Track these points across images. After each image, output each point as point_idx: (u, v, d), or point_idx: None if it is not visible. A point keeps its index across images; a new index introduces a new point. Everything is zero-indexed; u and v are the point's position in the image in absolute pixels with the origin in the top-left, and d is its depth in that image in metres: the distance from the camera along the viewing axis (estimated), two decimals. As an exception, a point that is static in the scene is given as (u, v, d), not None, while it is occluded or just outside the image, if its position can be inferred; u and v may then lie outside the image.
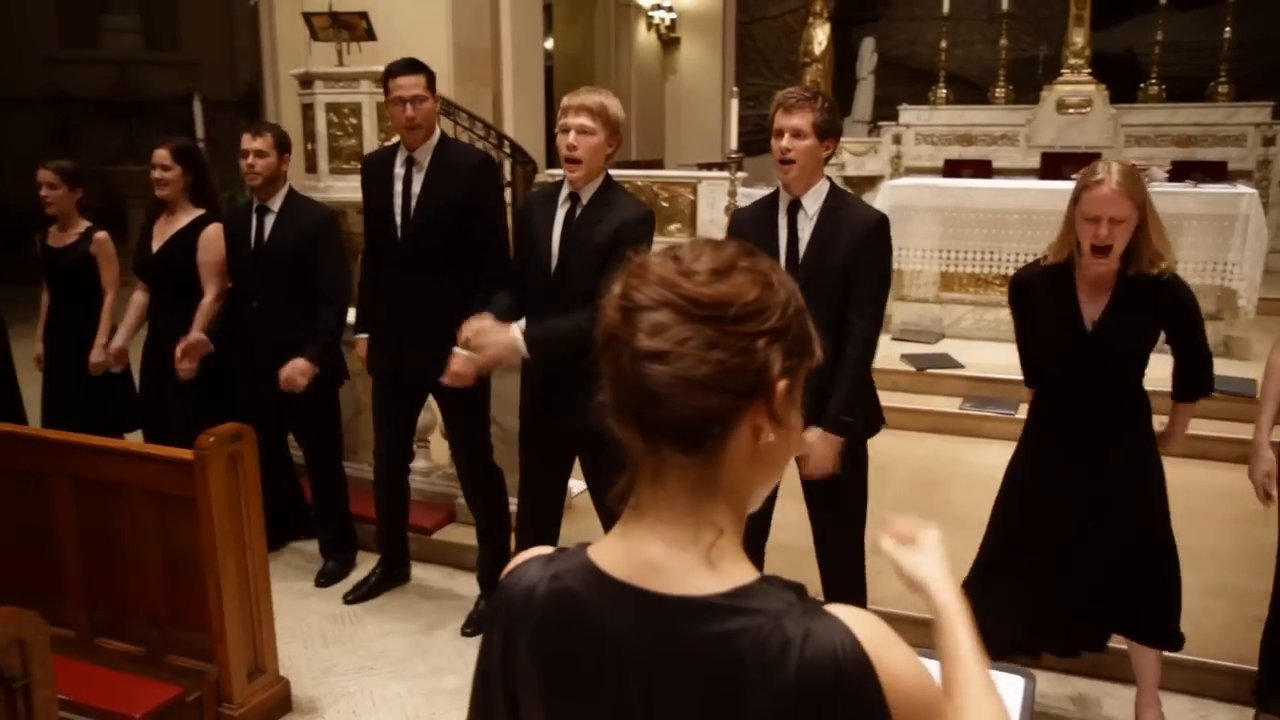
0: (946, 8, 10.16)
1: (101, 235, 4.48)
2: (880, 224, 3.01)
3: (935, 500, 4.71)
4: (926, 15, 12.17)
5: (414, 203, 3.64)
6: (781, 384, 0.94)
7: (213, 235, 4.17)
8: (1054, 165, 7.94)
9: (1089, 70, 9.26)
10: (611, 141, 3.13)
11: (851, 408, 2.96)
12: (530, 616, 1.01)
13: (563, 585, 1.00)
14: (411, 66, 3.62)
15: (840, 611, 0.94)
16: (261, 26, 8.90)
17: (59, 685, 2.49)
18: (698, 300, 0.92)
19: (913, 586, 1.22)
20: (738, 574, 0.96)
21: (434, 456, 4.73)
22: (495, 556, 3.85)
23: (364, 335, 3.90)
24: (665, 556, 0.96)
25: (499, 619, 1.05)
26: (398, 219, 3.67)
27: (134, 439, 4.13)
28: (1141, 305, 2.78)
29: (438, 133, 3.71)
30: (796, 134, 2.94)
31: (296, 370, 3.89)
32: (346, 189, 6.14)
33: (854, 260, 2.94)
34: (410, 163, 3.66)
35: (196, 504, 3.02)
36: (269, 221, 4.04)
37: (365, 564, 4.26)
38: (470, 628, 3.80)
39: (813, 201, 3.02)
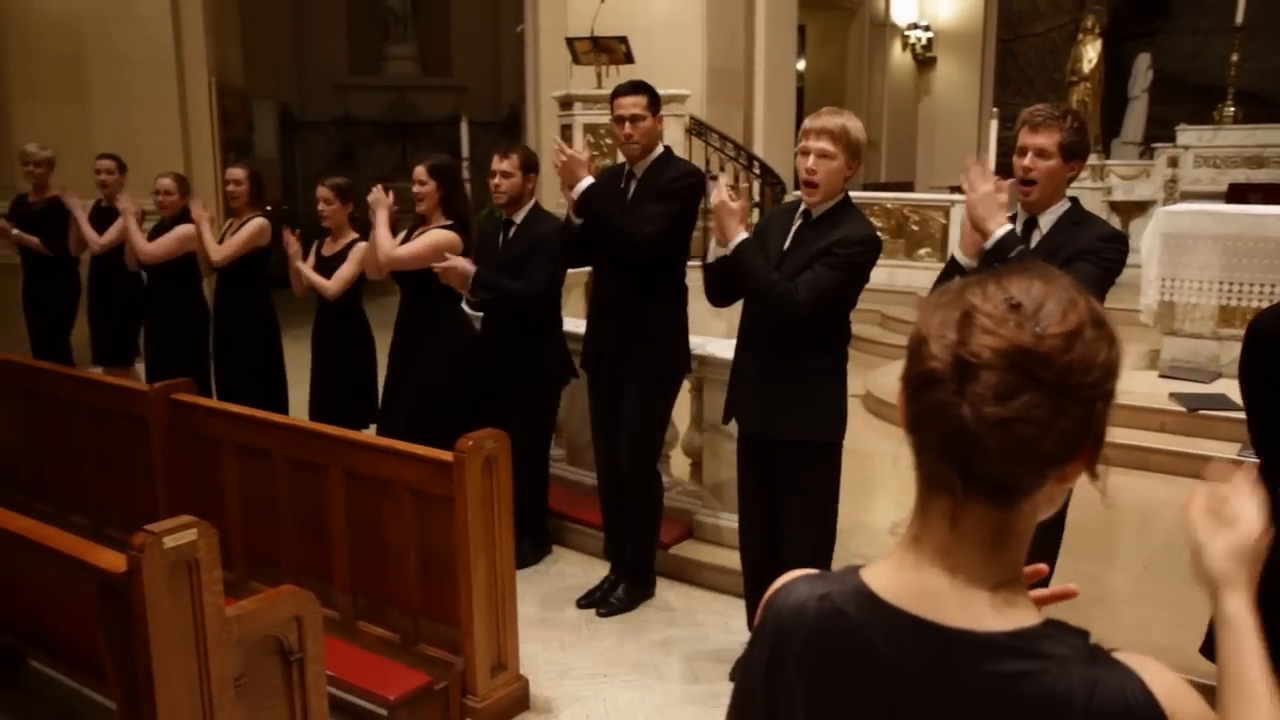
0: (1240, 17, 9.36)
1: (362, 244, 4.83)
2: (1113, 235, 2.87)
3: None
4: (1214, 27, 11.27)
5: (623, 212, 3.83)
6: (1104, 436, 0.92)
7: (434, 233, 4.43)
8: (1363, 191, 7.14)
9: None
10: (851, 165, 3.11)
11: None
12: (800, 634, 1.01)
13: (834, 606, 1.00)
14: (635, 88, 3.83)
15: (1132, 660, 0.91)
16: (526, 52, 9.38)
17: (325, 662, 2.69)
18: (1053, 367, 0.88)
19: (1202, 579, 1.09)
20: (1023, 616, 0.94)
21: (673, 472, 4.79)
22: (641, 550, 4.10)
23: None
24: (949, 589, 0.94)
25: (766, 635, 1.05)
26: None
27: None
28: None
29: (659, 149, 3.89)
30: (1040, 153, 2.81)
31: (457, 263, 4.15)
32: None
33: (1070, 259, 2.73)
34: (630, 176, 3.89)
35: (453, 503, 3.19)
36: (511, 234, 4.32)
37: (562, 559, 4.37)
38: (604, 609, 4.04)
39: (1050, 220, 2.89)
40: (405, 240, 4.54)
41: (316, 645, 2.61)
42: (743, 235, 3.14)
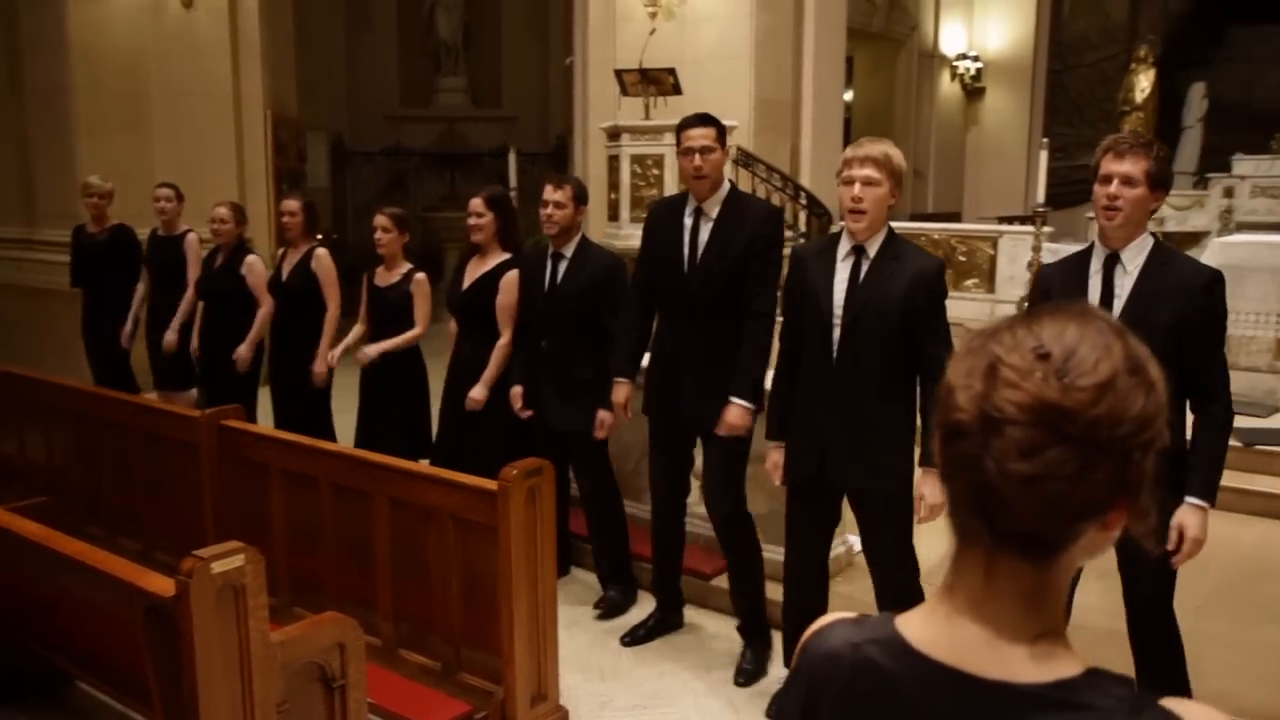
0: (1295, 48, 9.23)
1: (420, 276, 4.89)
2: (1216, 281, 2.76)
3: (1262, 593, 4.20)
4: (1270, 55, 11.11)
5: (700, 251, 3.70)
6: (1148, 484, 0.88)
7: (512, 280, 4.45)
8: None
9: None
10: (895, 192, 3.08)
11: (1217, 482, 2.78)
12: (834, 683, 0.99)
13: (868, 656, 0.97)
14: (704, 120, 3.71)
15: (1178, 707, 0.87)
16: (575, 83, 9.47)
17: (366, 689, 2.70)
18: (1081, 423, 0.83)
19: None
20: (1063, 667, 0.90)
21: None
22: (751, 604, 3.87)
23: (624, 380, 3.97)
24: (986, 640, 0.91)
25: (800, 680, 1.04)
26: (685, 267, 3.72)
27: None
28: None
29: (726, 185, 3.76)
30: (1127, 181, 2.73)
31: (602, 424, 4.09)
32: (645, 237, 6.37)
33: (1185, 322, 2.71)
34: (699, 213, 3.71)
35: (497, 532, 3.20)
36: (562, 267, 4.26)
37: (647, 601, 4.34)
38: (742, 678, 3.78)
39: (1133, 257, 2.81)
40: (467, 287, 4.54)
41: (359, 672, 2.62)
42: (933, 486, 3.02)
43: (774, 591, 3.84)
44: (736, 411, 3.60)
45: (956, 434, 0.88)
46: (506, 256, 4.54)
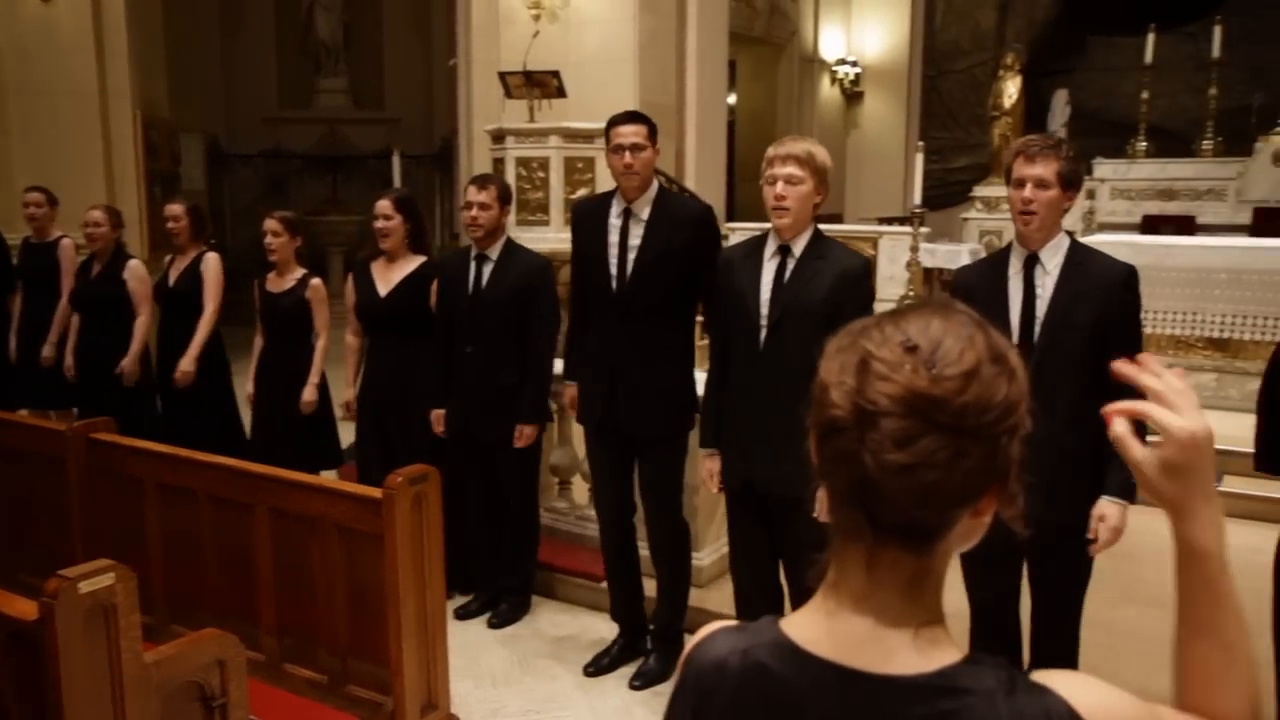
0: (1149, 57, 9.73)
1: (316, 281, 4.76)
2: (1131, 276, 2.82)
3: (1127, 575, 4.41)
4: (1125, 65, 11.70)
5: (632, 254, 3.60)
6: (1015, 470, 0.91)
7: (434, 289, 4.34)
8: (1269, 221, 7.44)
9: (1311, 120, 8.66)
10: (820, 190, 3.03)
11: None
12: (722, 692, 0.99)
13: (756, 660, 0.97)
14: (634, 117, 3.62)
15: (1051, 680, 0.91)
16: (459, 85, 9.38)
17: (250, 706, 2.62)
18: (950, 410, 0.87)
19: (1161, 499, 0.96)
20: (945, 654, 0.93)
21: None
22: (673, 614, 3.83)
23: (573, 383, 3.88)
24: (870, 634, 0.93)
25: (687, 692, 1.03)
26: (613, 269, 3.62)
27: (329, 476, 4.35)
28: None
29: (655, 185, 3.68)
30: (1040, 183, 2.76)
31: (523, 437, 4.04)
32: (532, 240, 6.34)
33: (1106, 319, 2.74)
34: (628, 214, 3.62)
35: (383, 541, 3.15)
36: (487, 270, 4.12)
37: (543, 611, 4.33)
38: (639, 680, 3.78)
39: (1052, 256, 2.83)
40: (389, 293, 4.37)
41: (240, 690, 2.55)
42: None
43: (699, 599, 3.91)
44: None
45: (833, 430, 0.90)
46: (422, 260, 4.40)
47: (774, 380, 3.02)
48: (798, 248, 3.06)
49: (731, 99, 12.63)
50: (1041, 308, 2.82)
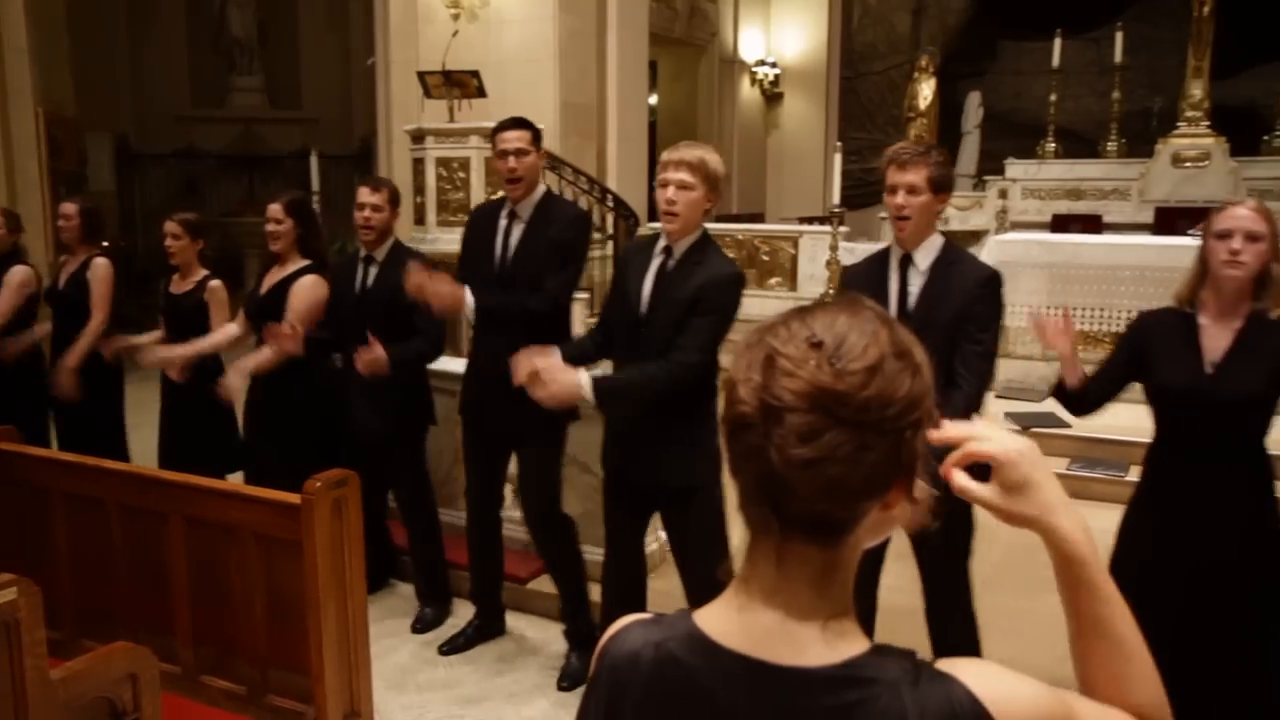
0: (1056, 61, 10.02)
1: (215, 283, 4.66)
2: (993, 279, 2.98)
3: (1039, 564, 4.51)
4: (1034, 69, 12.04)
5: (510, 254, 3.72)
6: (920, 464, 0.93)
7: (305, 284, 4.29)
8: (1169, 220, 7.72)
9: (1207, 122, 9.00)
10: (710, 197, 3.12)
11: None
12: (635, 684, 1.00)
13: (669, 653, 0.98)
14: (518, 123, 3.73)
15: (955, 668, 0.92)
16: (378, 85, 9.27)
17: (165, 721, 2.56)
18: (853, 405, 0.88)
19: (1023, 522, 1.00)
20: (851, 646, 0.95)
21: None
22: (575, 607, 3.88)
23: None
24: (780, 627, 0.95)
25: (600, 686, 1.04)
26: (495, 268, 3.75)
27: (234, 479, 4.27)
28: (1268, 349, 2.64)
29: (541, 188, 3.79)
30: (911, 190, 2.92)
31: (376, 357, 3.89)
32: (453, 241, 6.30)
33: (964, 315, 2.91)
34: (512, 215, 3.74)
35: (301, 547, 3.10)
36: (373, 271, 4.17)
37: (463, 611, 4.29)
38: (566, 681, 3.79)
39: (925, 257, 3.00)
40: (264, 292, 4.36)
41: (153, 704, 2.49)
42: (582, 379, 2.98)
43: (597, 593, 3.86)
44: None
45: (741, 426, 0.91)
46: (306, 263, 4.39)
47: (646, 358, 3.12)
48: (680, 249, 3.15)
49: (653, 99, 12.68)
50: (911, 305, 2.97)
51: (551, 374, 2.96)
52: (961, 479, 0.99)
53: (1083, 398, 2.98)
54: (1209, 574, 2.72)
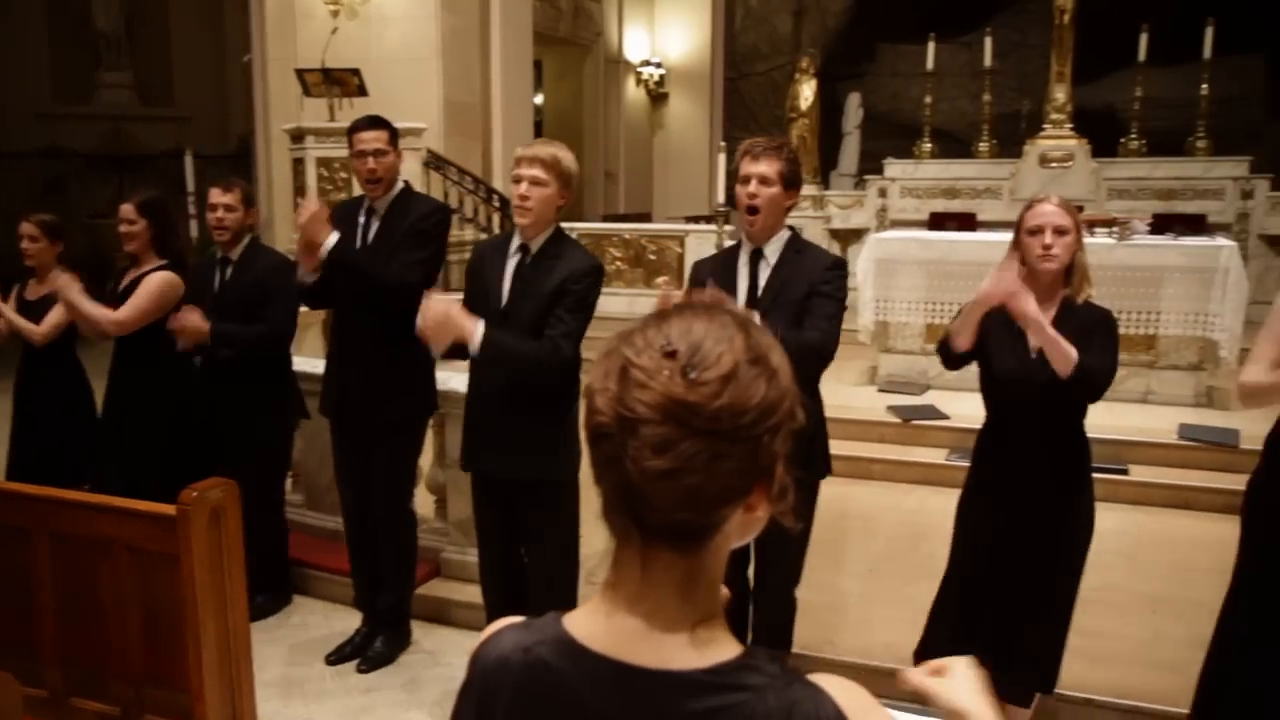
0: (930, 64, 10.34)
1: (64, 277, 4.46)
2: (836, 263, 3.12)
3: (920, 552, 4.68)
4: (910, 71, 12.41)
5: (366, 249, 3.72)
6: (780, 465, 0.94)
7: (154, 280, 4.17)
8: (1037, 218, 8.02)
9: (1070, 125, 9.42)
10: (563, 194, 3.17)
11: None
12: (505, 688, 1.00)
13: (538, 657, 0.98)
14: (375, 123, 3.75)
15: (823, 681, 0.94)
16: (254, 82, 9.01)
17: (32, 746, 2.45)
18: (706, 415, 0.88)
19: (952, 717, 1.12)
20: (720, 650, 0.95)
21: (418, 510, 4.69)
22: (397, 598, 3.98)
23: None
24: (647, 632, 0.95)
25: (472, 691, 1.04)
26: None
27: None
28: (1079, 329, 2.84)
29: (400, 185, 3.81)
30: (763, 180, 3.01)
31: (196, 326, 3.91)
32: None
33: (811, 294, 3.01)
34: (370, 212, 3.77)
35: (178, 560, 2.99)
36: (229, 271, 4.15)
37: (303, 608, 4.22)
38: (365, 665, 3.88)
39: (774, 250, 3.10)
40: (120, 289, 4.22)
41: (18, 729, 2.37)
42: (478, 328, 3.04)
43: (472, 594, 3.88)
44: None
45: (600, 436, 0.92)
46: (162, 263, 4.26)
47: (504, 371, 3.17)
48: (535, 245, 3.19)
49: (539, 99, 12.65)
50: (760, 293, 3.09)
51: (456, 316, 3.03)
52: (916, 680, 1.14)
53: (961, 360, 3.13)
54: (1015, 536, 2.95)
